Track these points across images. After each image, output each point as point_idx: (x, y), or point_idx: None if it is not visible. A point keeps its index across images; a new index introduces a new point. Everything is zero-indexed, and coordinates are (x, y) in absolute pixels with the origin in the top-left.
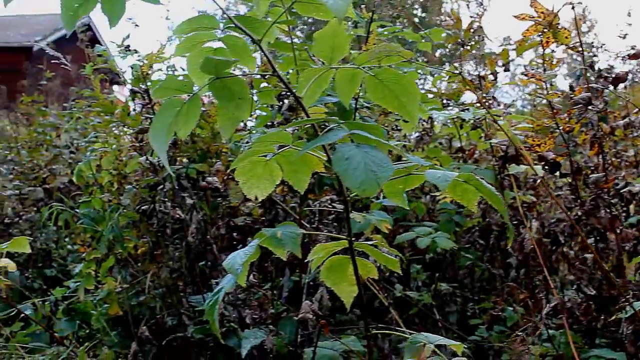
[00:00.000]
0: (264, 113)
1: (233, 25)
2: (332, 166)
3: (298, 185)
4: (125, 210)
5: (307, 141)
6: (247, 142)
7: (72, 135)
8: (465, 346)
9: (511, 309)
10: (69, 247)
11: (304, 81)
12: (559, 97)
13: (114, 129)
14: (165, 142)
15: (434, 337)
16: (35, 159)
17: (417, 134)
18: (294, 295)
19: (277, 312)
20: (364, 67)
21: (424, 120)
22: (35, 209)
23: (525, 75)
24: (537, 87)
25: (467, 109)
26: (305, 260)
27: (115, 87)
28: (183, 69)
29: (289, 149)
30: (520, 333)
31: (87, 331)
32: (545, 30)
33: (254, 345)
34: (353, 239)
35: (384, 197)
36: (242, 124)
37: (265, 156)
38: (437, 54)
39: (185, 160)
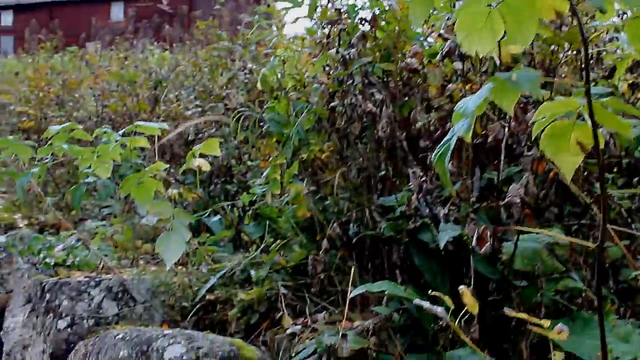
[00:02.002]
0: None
1: None
2: None
3: (522, 40)
4: (313, 107)
5: None
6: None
7: (245, 59)
8: None
9: None
10: (248, 162)
11: None
12: None
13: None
14: None
15: None
16: (214, 78)
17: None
18: (486, 194)
19: (472, 209)
20: None
21: None
22: (216, 126)
23: None
24: None
25: None
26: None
27: None
28: None
29: None
30: None
31: (274, 236)
32: None
33: (450, 239)
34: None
35: None
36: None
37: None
38: None
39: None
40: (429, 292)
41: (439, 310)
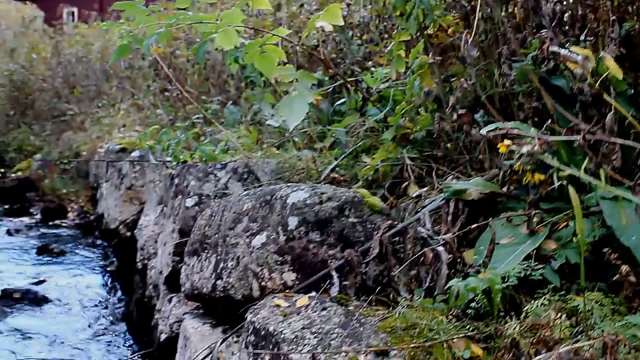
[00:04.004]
0: None
1: None
2: None
3: None
4: None
5: None
6: None
7: None
8: None
9: None
10: (372, 69)
11: None
12: None
13: None
14: None
15: None
16: None
17: None
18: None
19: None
20: None
21: None
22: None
23: None
24: None
25: None
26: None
27: None
28: None
29: None
30: None
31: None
32: None
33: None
34: None
35: None
36: None
37: None
38: None
39: None
40: None
41: (579, 57)
